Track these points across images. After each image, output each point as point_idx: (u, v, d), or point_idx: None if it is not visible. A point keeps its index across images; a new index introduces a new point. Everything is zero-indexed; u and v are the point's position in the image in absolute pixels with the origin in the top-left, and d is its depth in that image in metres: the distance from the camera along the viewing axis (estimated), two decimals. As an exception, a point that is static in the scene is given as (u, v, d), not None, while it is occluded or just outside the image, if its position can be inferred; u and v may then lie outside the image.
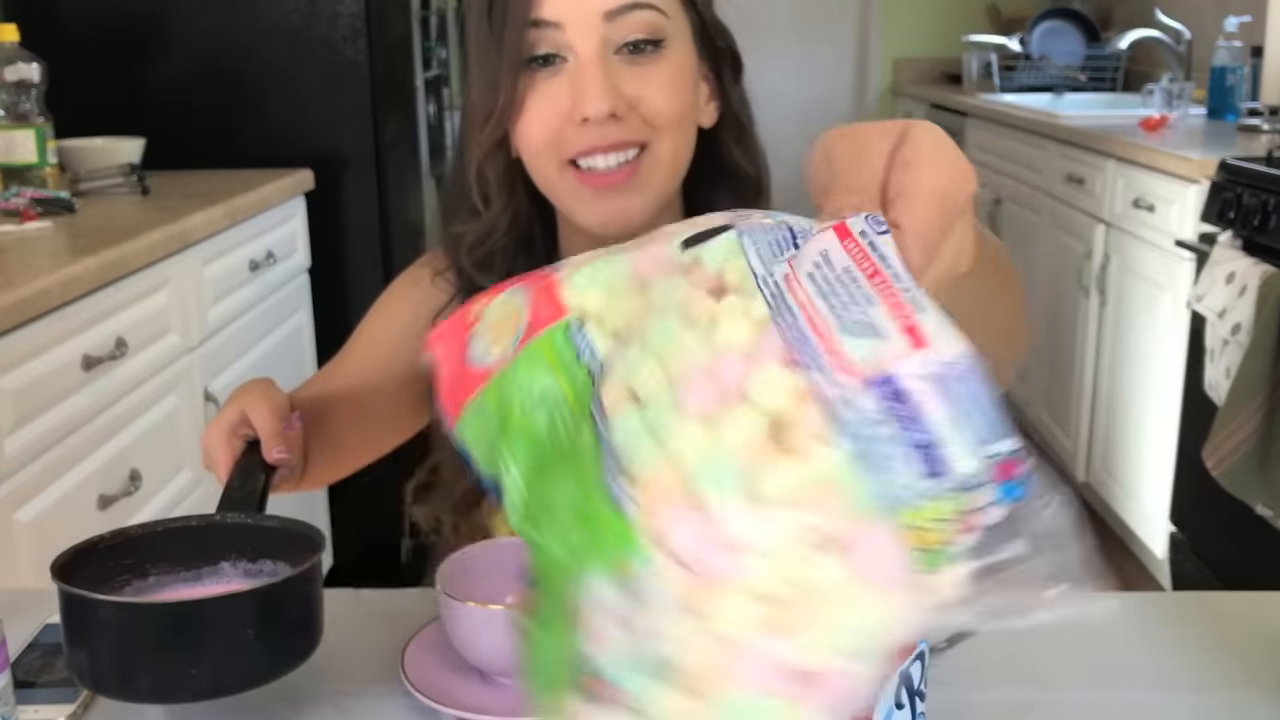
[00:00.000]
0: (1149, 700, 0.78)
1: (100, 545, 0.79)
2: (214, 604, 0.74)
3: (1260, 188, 2.13)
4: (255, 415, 0.87)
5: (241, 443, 0.88)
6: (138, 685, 0.73)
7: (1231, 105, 3.17)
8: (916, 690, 0.63)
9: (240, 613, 0.73)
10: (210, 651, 0.71)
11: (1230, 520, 2.16)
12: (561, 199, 0.92)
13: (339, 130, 2.56)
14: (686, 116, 0.91)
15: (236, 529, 0.82)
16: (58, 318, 1.54)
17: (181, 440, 1.90)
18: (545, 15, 0.85)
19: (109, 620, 0.73)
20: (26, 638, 0.85)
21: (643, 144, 0.89)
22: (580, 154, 0.88)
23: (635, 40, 0.87)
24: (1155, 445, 2.57)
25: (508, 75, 0.87)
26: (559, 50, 0.87)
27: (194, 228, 1.94)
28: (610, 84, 0.86)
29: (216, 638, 0.72)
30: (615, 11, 0.86)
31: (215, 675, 0.72)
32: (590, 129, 0.86)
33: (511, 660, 0.78)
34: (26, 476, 1.47)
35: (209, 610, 0.73)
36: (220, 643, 0.72)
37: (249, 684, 0.74)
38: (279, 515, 0.83)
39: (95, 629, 0.73)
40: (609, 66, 0.86)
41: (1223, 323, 2.09)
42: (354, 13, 2.50)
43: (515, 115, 0.89)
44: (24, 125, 2.02)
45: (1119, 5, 4.55)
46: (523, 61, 0.87)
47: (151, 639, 0.72)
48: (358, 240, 2.62)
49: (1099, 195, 2.93)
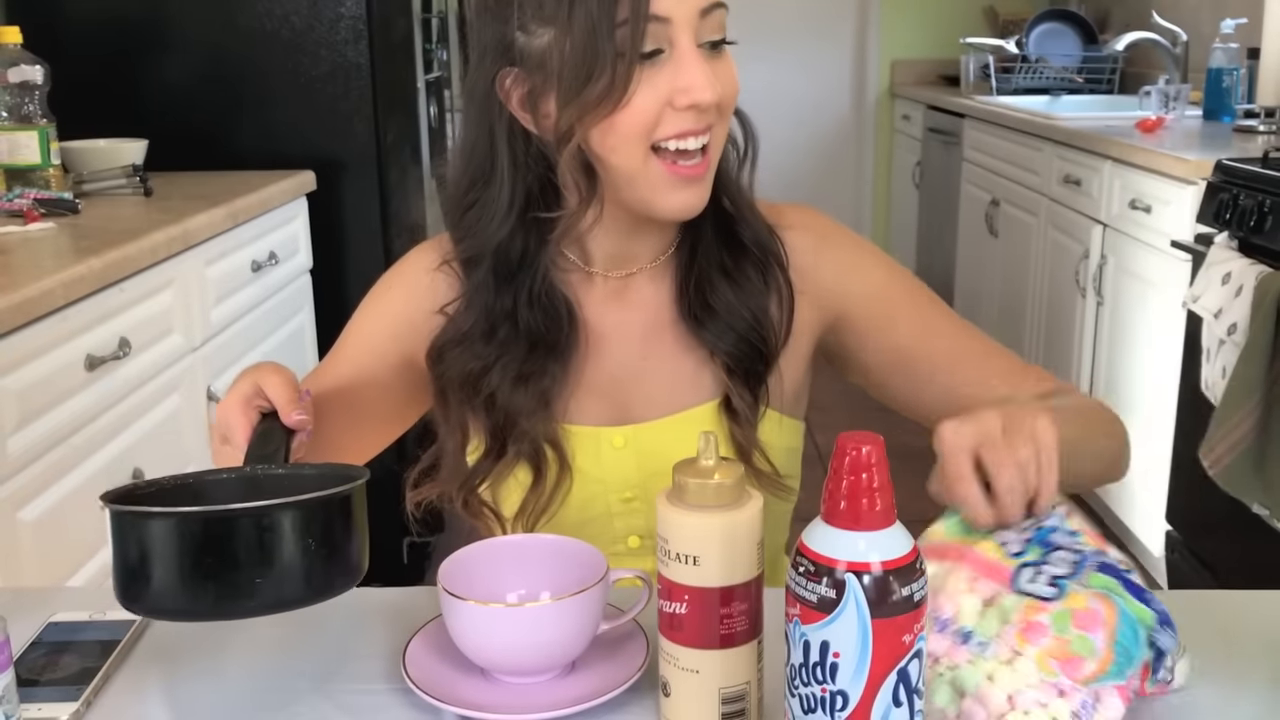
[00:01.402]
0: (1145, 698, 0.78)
1: (136, 492, 0.78)
2: (275, 510, 0.71)
3: (1256, 189, 2.13)
4: (269, 386, 0.88)
5: (257, 413, 0.88)
6: (199, 600, 0.71)
7: (1228, 107, 3.17)
8: (915, 688, 0.64)
9: (301, 520, 0.72)
10: (271, 561, 0.70)
11: (1226, 519, 2.17)
12: (638, 185, 0.95)
13: (341, 132, 2.57)
14: None
15: (270, 479, 0.81)
16: (61, 318, 1.55)
17: (184, 440, 1.91)
18: (659, 11, 0.90)
19: (169, 533, 0.71)
20: (30, 636, 0.86)
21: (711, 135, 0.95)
22: (674, 137, 0.93)
23: (715, 39, 0.94)
24: (1152, 444, 2.58)
25: (619, 66, 0.90)
26: (661, 44, 0.91)
27: (196, 229, 1.95)
28: (711, 75, 0.92)
29: (278, 546, 0.71)
30: (708, 9, 0.92)
31: (276, 586, 0.71)
32: (687, 115, 0.92)
33: (512, 658, 0.79)
34: (30, 476, 1.48)
35: (270, 516, 0.71)
36: (282, 552, 0.71)
37: (307, 598, 0.73)
38: (313, 463, 0.82)
39: (161, 545, 0.71)
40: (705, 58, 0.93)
41: (1219, 323, 2.10)
42: (355, 15, 2.51)
43: (621, 104, 0.91)
44: (27, 127, 2.02)
45: (1116, 7, 4.55)
46: (640, 54, 0.91)
47: (213, 549, 0.70)
48: (359, 241, 2.63)
49: (1096, 196, 2.94)
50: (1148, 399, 2.66)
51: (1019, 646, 0.69)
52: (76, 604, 0.91)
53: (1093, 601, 0.70)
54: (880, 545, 0.62)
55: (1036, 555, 0.74)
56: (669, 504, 0.72)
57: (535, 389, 1.01)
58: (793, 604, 0.64)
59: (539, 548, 0.87)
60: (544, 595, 0.84)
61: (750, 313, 1.02)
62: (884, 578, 0.61)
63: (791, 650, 0.64)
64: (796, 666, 0.64)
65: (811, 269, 1.05)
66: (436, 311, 1.04)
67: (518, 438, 1.01)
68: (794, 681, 0.64)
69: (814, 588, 0.62)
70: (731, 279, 1.02)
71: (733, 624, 0.72)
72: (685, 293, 1.03)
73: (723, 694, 0.72)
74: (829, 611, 0.61)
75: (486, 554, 0.86)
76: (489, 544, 0.87)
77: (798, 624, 0.63)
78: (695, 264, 1.03)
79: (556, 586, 0.83)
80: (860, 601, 0.61)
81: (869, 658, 0.61)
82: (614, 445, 1.04)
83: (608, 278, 1.05)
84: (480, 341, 1.01)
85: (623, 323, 1.05)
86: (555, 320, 1.02)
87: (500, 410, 1.01)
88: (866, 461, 0.62)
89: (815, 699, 0.63)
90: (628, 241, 1.03)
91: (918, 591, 0.62)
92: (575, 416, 1.04)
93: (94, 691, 0.80)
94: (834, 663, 0.62)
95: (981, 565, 0.73)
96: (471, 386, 1.01)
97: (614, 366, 1.05)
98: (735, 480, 0.72)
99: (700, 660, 0.72)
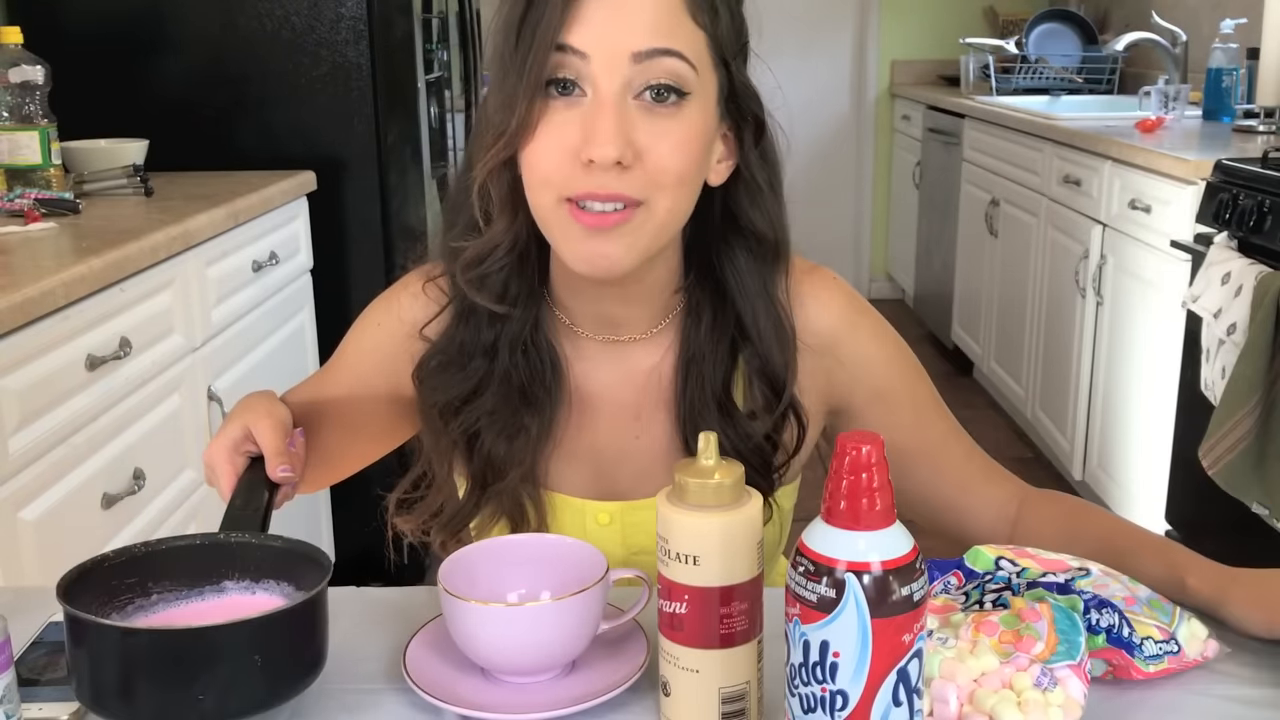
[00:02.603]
0: (1143, 697, 0.79)
1: (105, 564, 0.79)
2: (220, 630, 0.72)
3: (1255, 189, 2.14)
4: (259, 432, 0.87)
5: (245, 459, 0.88)
6: (141, 711, 0.72)
7: (1227, 107, 3.18)
8: (915, 688, 0.64)
9: (247, 639, 0.72)
10: (216, 678, 0.71)
11: (1226, 519, 2.17)
12: (552, 232, 0.89)
13: (341, 132, 2.57)
14: (691, 176, 0.89)
15: (241, 548, 0.82)
16: (62, 318, 1.55)
17: (185, 440, 1.91)
18: (574, 42, 0.83)
19: (114, 645, 0.72)
20: (30, 636, 0.85)
21: (640, 201, 0.86)
22: (578, 197, 0.85)
23: (658, 85, 0.84)
24: (1151, 444, 2.58)
25: (524, 97, 0.84)
26: (580, 80, 0.84)
27: (197, 229, 1.95)
28: (622, 130, 0.83)
29: (223, 664, 0.71)
30: (645, 54, 0.83)
31: (220, 701, 0.71)
32: (593, 173, 0.84)
33: (512, 658, 0.79)
34: (31, 475, 1.48)
35: (215, 637, 0.72)
36: (227, 669, 0.71)
37: (253, 710, 0.73)
38: (283, 535, 0.83)
39: (100, 653, 0.72)
40: (625, 111, 0.84)
41: (1218, 323, 2.10)
42: (356, 15, 2.52)
43: (525, 140, 0.86)
44: (28, 127, 2.03)
45: (1115, 8, 4.56)
46: (542, 84, 0.84)
47: (157, 665, 0.71)
48: (360, 241, 2.64)
49: (1096, 196, 2.94)
50: (1147, 399, 2.66)
51: (975, 637, 0.75)
52: (78, 603, 0.91)
53: (1030, 603, 0.77)
54: (880, 545, 0.62)
55: (976, 595, 0.82)
56: (669, 503, 0.72)
57: (514, 443, 0.96)
58: (793, 604, 0.64)
59: (539, 548, 0.88)
60: (544, 595, 0.84)
61: (752, 442, 0.95)
62: (884, 577, 0.61)
63: (791, 650, 0.64)
64: (796, 666, 0.64)
65: (828, 357, 1.00)
66: (418, 336, 1.00)
67: (496, 492, 0.97)
68: (794, 681, 0.65)
69: (814, 587, 0.62)
70: (730, 418, 0.95)
71: (732, 624, 0.72)
72: (683, 394, 0.96)
73: (723, 693, 0.73)
74: (829, 611, 0.62)
75: (486, 554, 0.86)
76: (489, 544, 0.87)
77: (798, 624, 0.63)
78: (692, 377, 0.96)
79: (556, 586, 0.83)
80: (860, 601, 0.61)
81: (869, 657, 0.62)
82: (599, 522, 1.00)
83: (599, 341, 0.99)
84: (460, 369, 0.96)
85: (615, 394, 0.99)
86: (538, 368, 0.96)
87: (480, 456, 0.97)
88: (866, 461, 0.62)
89: (815, 698, 0.63)
90: (607, 304, 0.97)
91: (917, 591, 0.62)
92: (558, 483, 1.00)
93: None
94: (834, 662, 0.62)
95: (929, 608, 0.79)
96: (451, 416, 0.97)
97: (601, 438, 1.00)
98: (735, 480, 0.72)
99: (700, 660, 0.72)
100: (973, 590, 0.82)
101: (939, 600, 0.81)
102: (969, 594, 0.82)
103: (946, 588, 0.82)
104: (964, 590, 0.82)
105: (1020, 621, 0.76)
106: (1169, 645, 0.80)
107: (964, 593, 0.82)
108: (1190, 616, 0.83)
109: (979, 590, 0.82)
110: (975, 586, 0.82)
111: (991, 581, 0.82)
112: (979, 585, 0.82)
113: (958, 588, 0.82)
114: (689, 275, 0.98)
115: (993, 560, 0.81)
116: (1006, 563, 0.81)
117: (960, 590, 0.82)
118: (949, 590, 0.82)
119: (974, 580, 0.82)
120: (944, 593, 0.81)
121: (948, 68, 4.98)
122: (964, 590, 0.82)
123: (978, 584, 0.82)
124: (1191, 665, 0.81)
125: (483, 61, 3.52)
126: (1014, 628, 0.76)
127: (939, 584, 0.81)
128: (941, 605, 0.80)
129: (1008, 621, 0.76)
